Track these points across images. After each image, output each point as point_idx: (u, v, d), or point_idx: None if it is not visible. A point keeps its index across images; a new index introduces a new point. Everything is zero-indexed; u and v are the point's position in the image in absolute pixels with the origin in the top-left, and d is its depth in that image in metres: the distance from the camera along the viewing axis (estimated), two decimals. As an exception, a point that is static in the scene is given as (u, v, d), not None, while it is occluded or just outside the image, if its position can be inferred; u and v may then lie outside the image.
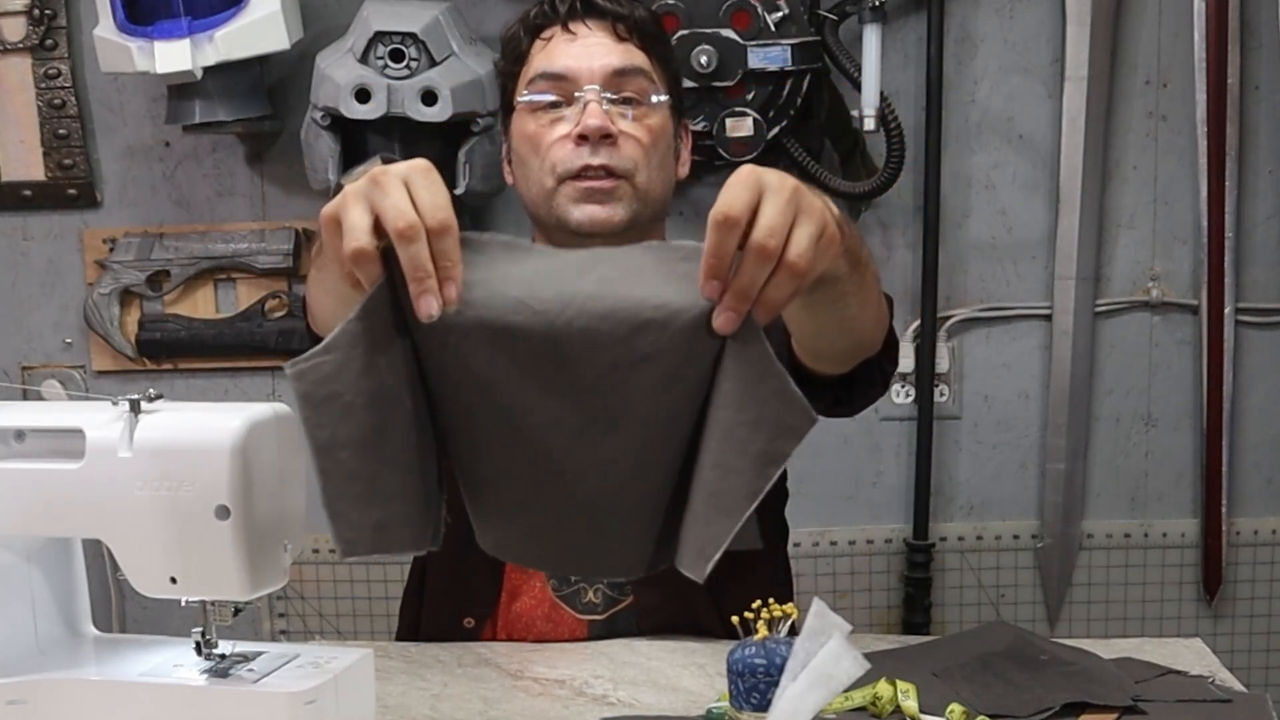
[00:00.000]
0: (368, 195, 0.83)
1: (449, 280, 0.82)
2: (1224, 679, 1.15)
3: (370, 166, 0.93)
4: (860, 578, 2.33)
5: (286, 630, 2.37)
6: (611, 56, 1.32)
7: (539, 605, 1.36)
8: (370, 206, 0.82)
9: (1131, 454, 2.31)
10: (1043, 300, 2.26)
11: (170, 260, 2.26)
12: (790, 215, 0.82)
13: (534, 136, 1.33)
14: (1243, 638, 2.33)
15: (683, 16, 1.99)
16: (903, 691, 1.07)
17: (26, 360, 2.35)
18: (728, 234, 0.81)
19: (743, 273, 0.81)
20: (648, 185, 1.33)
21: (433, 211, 0.81)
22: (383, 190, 0.82)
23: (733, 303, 0.82)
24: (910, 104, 2.16)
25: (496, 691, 1.18)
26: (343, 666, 1.00)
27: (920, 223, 2.20)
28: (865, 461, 2.31)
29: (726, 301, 0.82)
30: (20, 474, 0.98)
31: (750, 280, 0.81)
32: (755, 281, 0.81)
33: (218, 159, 2.27)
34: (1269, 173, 2.22)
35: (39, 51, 2.23)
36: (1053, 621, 2.34)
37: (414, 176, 0.83)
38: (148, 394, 0.97)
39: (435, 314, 0.82)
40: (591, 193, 1.30)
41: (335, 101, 1.97)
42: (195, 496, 0.93)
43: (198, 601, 0.99)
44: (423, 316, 0.82)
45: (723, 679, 1.04)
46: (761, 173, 0.83)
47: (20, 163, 2.27)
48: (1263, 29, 2.17)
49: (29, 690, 1.00)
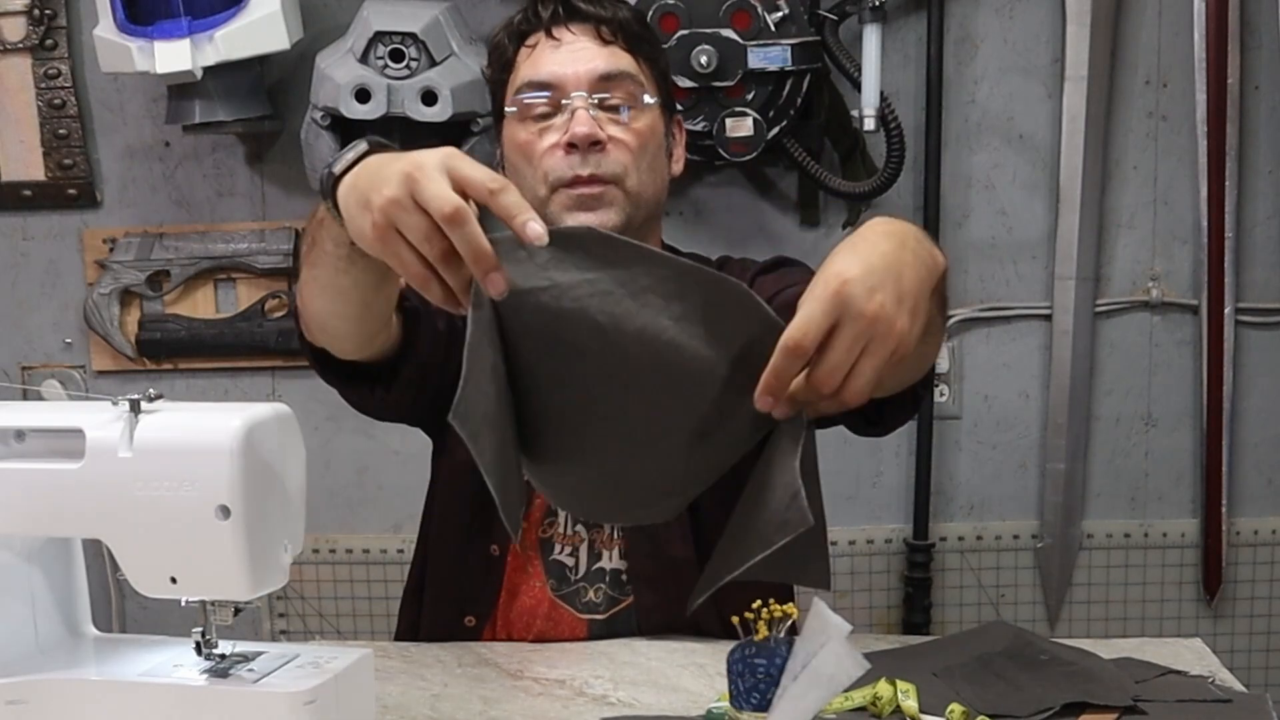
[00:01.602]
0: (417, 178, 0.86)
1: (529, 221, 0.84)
2: (1224, 679, 1.15)
3: (357, 147, 0.94)
4: (860, 578, 2.33)
5: (286, 630, 2.37)
6: (597, 61, 1.32)
7: (539, 604, 1.36)
8: (445, 174, 0.85)
9: (1131, 454, 2.31)
10: (1043, 300, 2.26)
11: (170, 260, 2.26)
12: (860, 347, 0.82)
13: (525, 145, 1.33)
14: (1243, 638, 2.33)
15: (683, 16, 1.99)
16: (903, 691, 1.07)
17: (26, 360, 2.35)
18: (793, 362, 0.82)
19: (798, 391, 0.83)
20: (639, 188, 1.33)
21: (487, 181, 0.86)
22: (426, 176, 0.85)
23: (783, 407, 0.84)
24: (910, 104, 2.17)
25: (496, 691, 1.18)
26: (343, 666, 1.00)
27: (920, 223, 2.20)
28: (865, 461, 2.31)
29: (779, 402, 0.84)
30: (20, 474, 0.98)
31: (804, 398, 0.84)
32: (808, 400, 0.84)
33: (218, 159, 2.27)
34: (1269, 173, 2.22)
35: (39, 51, 2.23)
36: (1053, 621, 2.34)
37: (451, 162, 0.86)
38: (148, 394, 0.97)
39: (505, 289, 0.84)
40: (583, 200, 1.31)
41: (335, 101, 1.97)
42: (195, 496, 0.93)
43: (198, 601, 0.99)
44: (496, 294, 0.84)
45: (723, 679, 1.04)
46: (849, 289, 0.82)
47: (20, 163, 2.27)
48: (1263, 29, 2.17)
49: (29, 690, 1.00)
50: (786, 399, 0.84)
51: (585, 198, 1.31)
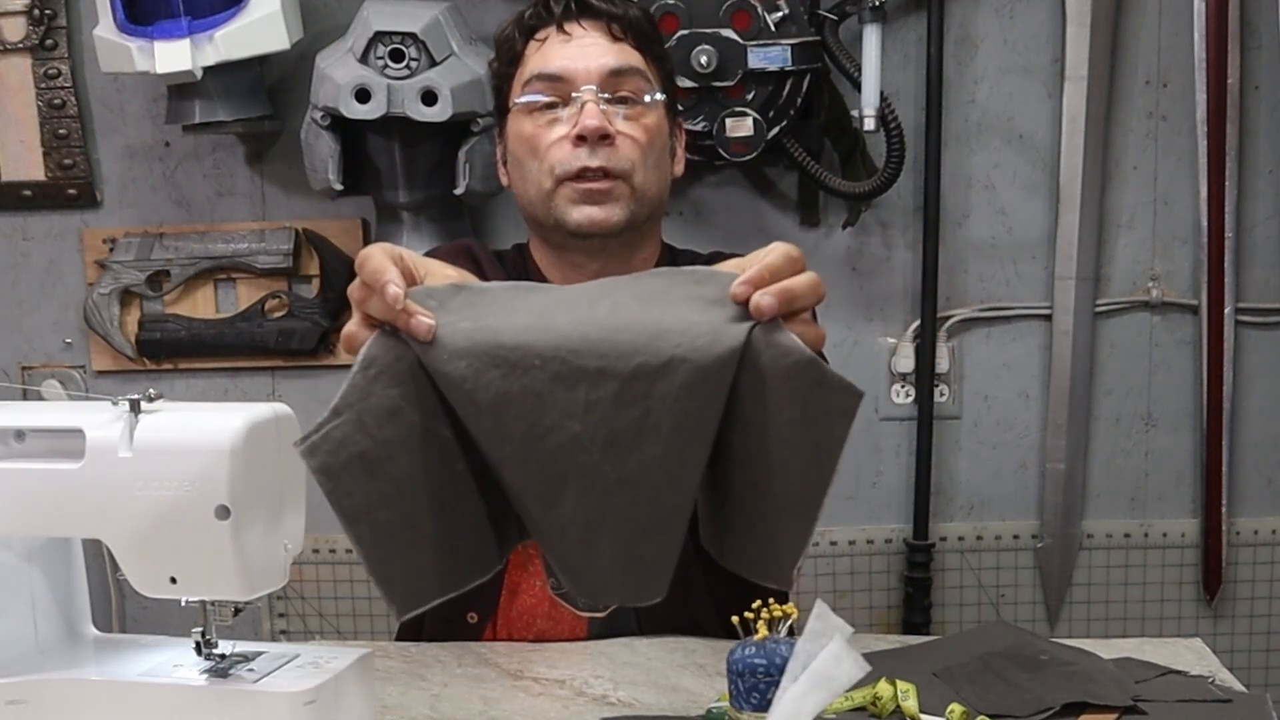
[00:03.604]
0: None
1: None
2: (1224, 679, 1.15)
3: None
4: (860, 578, 2.33)
5: (286, 630, 2.37)
6: (607, 57, 1.32)
7: (539, 603, 1.37)
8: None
9: (1131, 454, 2.31)
10: (1043, 300, 2.26)
11: (170, 260, 2.26)
12: (809, 288, 0.88)
13: (531, 138, 1.33)
14: (1243, 638, 2.33)
15: (683, 16, 1.99)
16: (903, 691, 1.07)
17: (26, 360, 2.35)
18: (789, 264, 0.88)
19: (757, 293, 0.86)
20: (644, 185, 1.33)
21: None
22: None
23: (764, 294, 0.85)
24: (910, 104, 2.17)
25: (496, 691, 1.18)
26: (343, 666, 1.00)
27: (920, 223, 2.20)
28: (865, 461, 2.31)
29: (760, 293, 0.85)
30: (20, 474, 0.97)
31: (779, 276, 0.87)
32: (782, 276, 0.87)
33: (218, 159, 2.27)
34: (1269, 173, 2.22)
35: (39, 51, 2.23)
36: (1053, 621, 2.34)
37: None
38: (148, 394, 0.97)
39: (430, 332, 0.85)
40: (589, 194, 1.30)
41: (335, 101, 1.97)
42: (195, 496, 0.93)
43: (198, 601, 0.99)
44: (422, 336, 0.85)
45: (723, 679, 1.04)
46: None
47: (20, 163, 2.27)
48: (1263, 29, 2.17)
49: (29, 690, 1.00)
50: (767, 287, 0.86)
51: (592, 192, 1.30)
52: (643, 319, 0.86)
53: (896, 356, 2.26)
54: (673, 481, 0.87)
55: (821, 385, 0.83)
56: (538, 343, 0.85)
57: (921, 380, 2.24)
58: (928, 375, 2.24)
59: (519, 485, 0.88)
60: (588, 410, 0.85)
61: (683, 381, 0.84)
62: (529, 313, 0.88)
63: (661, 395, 0.85)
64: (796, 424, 0.84)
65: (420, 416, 0.86)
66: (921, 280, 2.21)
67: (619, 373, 0.85)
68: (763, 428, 0.85)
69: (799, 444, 0.84)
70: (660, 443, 0.85)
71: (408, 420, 0.85)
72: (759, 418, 0.85)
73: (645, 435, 0.85)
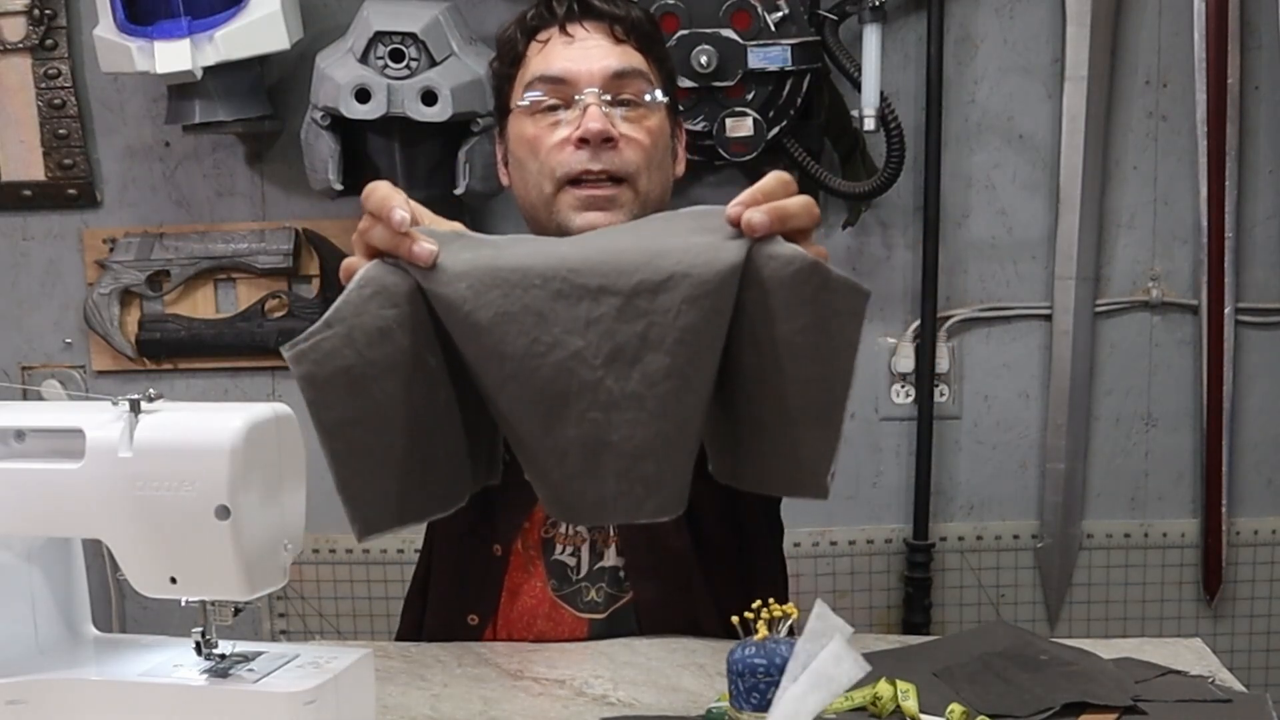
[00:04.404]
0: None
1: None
2: (1224, 679, 1.15)
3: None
4: (860, 578, 2.33)
5: (286, 630, 2.37)
6: (610, 58, 1.32)
7: (540, 604, 1.36)
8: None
9: (1131, 454, 2.31)
10: (1043, 300, 2.26)
11: (170, 260, 2.26)
12: (803, 210, 0.91)
13: (533, 140, 1.32)
14: (1243, 638, 2.34)
15: (683, 16, 1.99)
16: (903, 691, 1.07)
17: (26, 360, 2.35)
18: (781, 187, 0.91)
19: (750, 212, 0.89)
20: (648, 187, 1.32)
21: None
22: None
23: (755, 211, 0.88)
24: (910, 104, 2.17)
25: (496, 691, 1.18)
26: (343, 666, 1.00)
27: (920, 223, 2.20)
28: (865, 461, 2.31)
29: (751, 209, 0.88)
30: (20, 474, 0.97)
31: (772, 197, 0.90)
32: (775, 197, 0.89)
33: (218, 159, 2.27)
34: (1269, 173, 2.22)
35: (39, 51, 2.23)
36: (1053, 621, 2.34)
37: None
38: (148, 394, 0.97)
39: (432, 258, 0.87)
40: (592, 200, 1.29)
41: (335, 101, 1.97)
42: (195, 496, 0.93)
43: (198, 601, 0.99)
44: (424, 261, 0.86)
45: (723, 679, 1.04)
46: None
47: (20, 163, 2.28)
48: (1263, 29, 2.17)
49: (29, 690, 1.00)
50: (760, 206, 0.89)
51: (596, 198, 1.29)
52: (643, 243, 0.88)
53: (896, 356, 2.26)
54: (678, 397, 0.87)
55: (827, 288, 0.85)
56: (539, 264, 0.86)
57: (921, 380, 2.24)
58: (928, 375, 2.24)
59: (518, 407, 0.88)
60: (589, 326, 0.86)
61: (685, 296, 0.85)
62: (530, 244, 0.90)
63: (663, 310, 0.86)
64: (808, 329, 0.85)
65: (411, 341, 0.86)
66: (921, 280, 2.21)
67: (620, 289, 0.86)
68: (773, 341, 0.86)
69: (813, 350, 0.85)
70: (663, 357, 0.86)
71: (398, 343, 0.86)
72: (768, 332, 0.86)
73: (647, 349, 0.86)
